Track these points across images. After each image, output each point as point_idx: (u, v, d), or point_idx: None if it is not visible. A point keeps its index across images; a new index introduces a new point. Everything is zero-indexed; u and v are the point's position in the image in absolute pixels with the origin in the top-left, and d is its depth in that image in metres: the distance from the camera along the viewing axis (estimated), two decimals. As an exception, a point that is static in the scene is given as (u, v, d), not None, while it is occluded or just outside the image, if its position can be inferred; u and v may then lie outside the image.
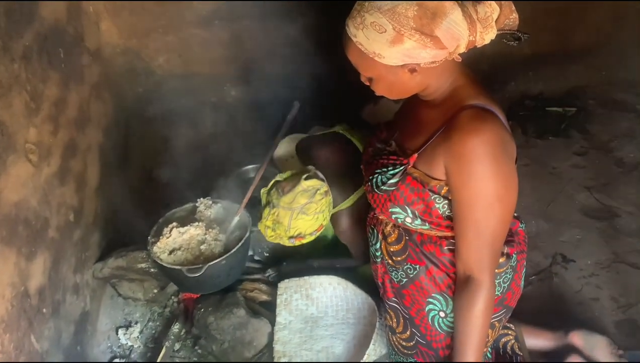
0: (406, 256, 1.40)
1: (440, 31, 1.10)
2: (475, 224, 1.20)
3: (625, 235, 2.32)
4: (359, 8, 1.14)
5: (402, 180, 1.29)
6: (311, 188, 1.80)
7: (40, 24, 1.89)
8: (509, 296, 1.43)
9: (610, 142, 2.84)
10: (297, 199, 1.78)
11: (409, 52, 1.12)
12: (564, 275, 2.18)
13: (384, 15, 1.09)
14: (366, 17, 1.11)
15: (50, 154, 1.84)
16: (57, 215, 1.85)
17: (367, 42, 1.13)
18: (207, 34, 2.86)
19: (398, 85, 1.22)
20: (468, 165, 1.16)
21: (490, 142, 1.15)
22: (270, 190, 1.89)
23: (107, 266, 2.08)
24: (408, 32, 1.09)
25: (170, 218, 2.09)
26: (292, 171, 1.92)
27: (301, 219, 1.79)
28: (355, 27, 1.14)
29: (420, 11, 1.08)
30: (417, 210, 1.29)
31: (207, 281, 1.93)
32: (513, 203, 1.22)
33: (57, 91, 1.97)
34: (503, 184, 1.18)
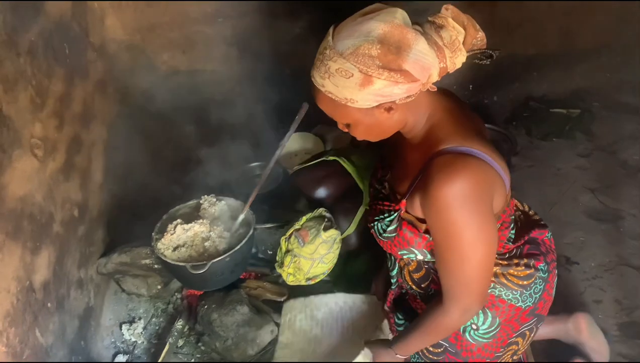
0: (429, 281, 1.40)
1: (409, 64, 1.06)
2: (448, 268, 1.21)
3: (629, 237, 2.32)
4: (321, 58, 1.10)
5: (400, 226, 1.28)
6: (330, 239, 1.99)
7: (45, 19, 1.89)
8: (540, 306, 1.43)
9: (615, 144, 2.83)
10: (318, 251, 1.97)
11: (381, 92, 1.08)
12: (568, 277, 2.18)
13: (347, 60, 1.06)
14: (330, 65, 1.07)
15: (55, 149, 1.85)
16: (61, 210, 1.85)
17: (337, 90, 1.09)
18: (212, 30, 2.86)
19: (376, 127, 1.19)
20: (439, 213, 1.14)
21: (462, 191, 1.11)
22: (289, 237, 2.02)
23: (111, 262, 2.08)
24: (376, 72, 1.05)
25: (174, 214, 2.09)
26: (307, 215, 2.06)
27: (320, 267, 2.00)
28: (321, 77, 1.10)
29: (383, 48, 1.05)
30: (423, 249, 1.29)
31: (211, 278, 1.93)
32: (493, 242, 1.19)
33: (62, 86, 1.97)
34: (478, 227, 1.15)
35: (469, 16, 1.14)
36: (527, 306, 1.38)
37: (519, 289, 1.35)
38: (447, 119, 1.22)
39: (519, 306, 1.37)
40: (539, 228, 1.48)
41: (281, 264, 2.03)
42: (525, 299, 1.37)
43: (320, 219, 2.04)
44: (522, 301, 1.37)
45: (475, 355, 1.43)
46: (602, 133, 2.91)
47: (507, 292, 1.35)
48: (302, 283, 2.03)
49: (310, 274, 2.01)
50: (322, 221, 2.02)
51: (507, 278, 1.35)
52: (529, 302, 1.38)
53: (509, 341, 1.42)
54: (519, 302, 1.37)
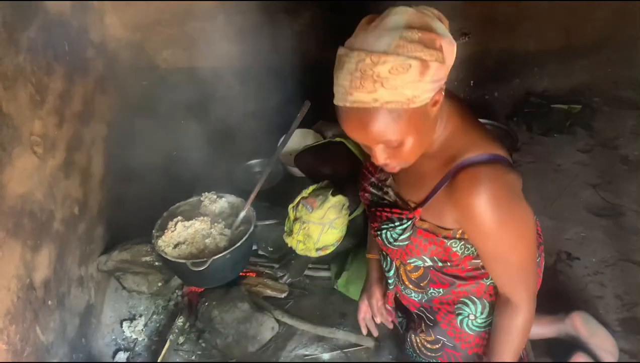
0: (428, 281, 1.40)
1: (444, 41, 1.03)
2: (503, 263, 1.23)
3: (630, 232, 2.31)
4: (359, 74, 1.00)
5: (414, 233, 1.27)
6: (338, 203, 1.94)
7: (45, 16, 1.89)
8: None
9: (616, 139, 2.83)
10: (328, 215, 1.94)
11: (436, 76, 1.03)
12: (569, 273, 2.17)
13: (398, 54, 0.98)
14: (380, 70, 0.98)
15: (55, 146, 1.84)
16: (62, 208, 1.85)
17: (396, 93, 1.00)
18: (212, 27, 2.86)
19: (428, 131, 1.13)
20: (481, 223, 1.14)
21: (495, 197, 1.11)
22: (297, 206, 2.00)
23: (112, 259, 2.08)
24: (427, 55, 1.00)
25: (174, 211, 2.09)
26: (314, 186, 2.03)
27: (330, 233, 1.96)
28: (370, 92, 1.00)
29: (420, 31, 1.00)
30: (435, 256, 1.30)
31: (211, 275, 1.93)
32: (533, 233, 1.22)
33: (62, 83, 1.97)
34: (519, 224, 1.18)
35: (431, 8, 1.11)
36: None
37: None
38: (462, 126, 1.20)
39: None
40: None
41: (290, 232, 1.99)
42: None
43: (326, 188, 2.01)
44: None
45: (473, 346, 1.44)
46: (603, 129, 2.90)
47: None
48: (312, 254, 1.98)
49: (320, 243, 1.95)
50: (329, 189, 1.99)
51: None
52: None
53: None
54: None
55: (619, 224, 2.36)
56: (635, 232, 2.31)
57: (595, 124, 2.94)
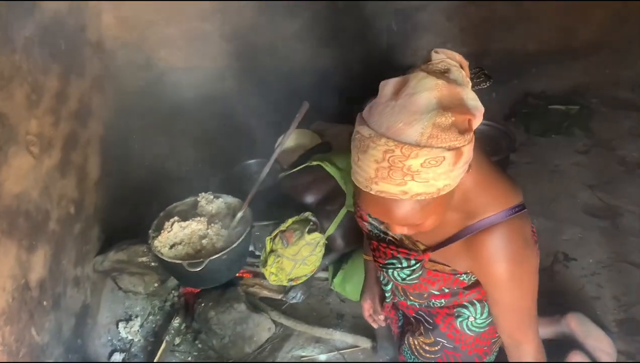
0: (429, 294, 1.39)
1: (475, 114, 0.97)
2: (510, 306, 1.25)
3: (627, 234, 2.31)
4: (387, 161, 0.93)
5: (423, 274, 1.31)
6: (313, 241, 2.00)
7: (41, 15, 1.88)
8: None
9: (613, 140, 2.83)
10: (301, 252, 1.98)
11: (467, 156, 0.98)
12: (566, 274, 2.17)
13: (431, 146, 0.92)
14: (411, 164, 0.92)
15: (51, 146, 1.83)
16: (57, 208, 1.84)
17: (428, 186, 0.95)
18: (209, 27, 2.85)
19: (450, 201, 1.07)
20: (498, 280, 1.19)
21: (513, 257, 1.16)
22: (274, 238, 2.03)
23: (108, 260, 2.08)
24: (461, 140, 0.94)
25: (171, 211, 2.09)
26: (294, 218, 2.07)
27: (302, 268, 2.02)
28: (400, 185, 0.94)
29: (452, 112, 0.93)
30: (442, 287, 1.33)
31: (207, 275, 1.92)
32: (537, 273, 1.25)
33: (58, 83, 1.96)
34: (530, 274, 1.21)
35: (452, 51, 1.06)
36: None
37: None
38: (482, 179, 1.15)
39: None
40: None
41: (264, 263, 2.04)
42: None
43: (306, 222, 2.06)
44: None
45: (472, 346, 1.45)
46: (601, 130, 2.90)
47: None
48: (284, 283, 2.05)
49: (292, 275, 2.02)
50: (307, 224, 2.05)
51: None
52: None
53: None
54: None
55: (616, 226, 2.36)
56: (633, 233, 2.31)
57: (592, 125, 2.94)
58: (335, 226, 2.09)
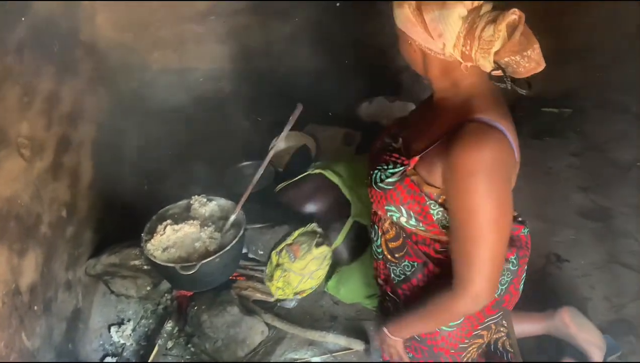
0: (404, 252, 1.38)
1: (428, 17, 1.10)
2: (471, 240, 1.16)
3: (620, 235, 2.33)
4: None
5: (401, 181, 1.26)
6: (321, 255, 1.98)
7: (34, 16, 1.86)
8: (506, 299, 1.42)
9: (606, 143, 2.85)
10: (309, 266, 1.98)
11: (404, 21, 1.13)
12: (558, 275, 2.18)
13: None
14: None
15: (43, 149, 1.82)
16: (49, 211, 1.83)
17: None
18: (203, 29, 2.85)
19: (403, 50, 1.23)
20: (463, 179, 1.12)
21: (487, 160, 1.10)
22: (280, 251, 2.02)
23: (100, 263, 2.07)
24: (408, 1, 1.11)
25: (164, 214, 2.07)
26: (300, 230, 2.06)
27: (308, 282, 2.01)
28: None
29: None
30: (412, 211, 1.27)
31: (200, 278, 1.92)
32: (508, 227, 1.18)
33: (51, 85, 1.95)
34: (497, 205, 1.13)
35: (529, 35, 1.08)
36: (492, 298, 1.35)
37: None
38: (488, 95, 1.20)
39: None
40: (515, 223, 1.46)
41: (270, 277, 2.02)
42: None
43: (313, 234, 2.05)
44: None
45: (439, 344, 1.42)
46: (593, 132, 2.92)
47: None
48: (290, 297, 2.04)
49: (299, 288, 2.02)
50: (314, 236, 2.03)
51: None
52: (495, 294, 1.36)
53: (474, 333, 1.41)
54: None
55: (609, 227, 2.38)
56: (624, 235, 2.33)
57: (585, 127, 2.96)
58: (342, 238, 2.08)
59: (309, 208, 2.14)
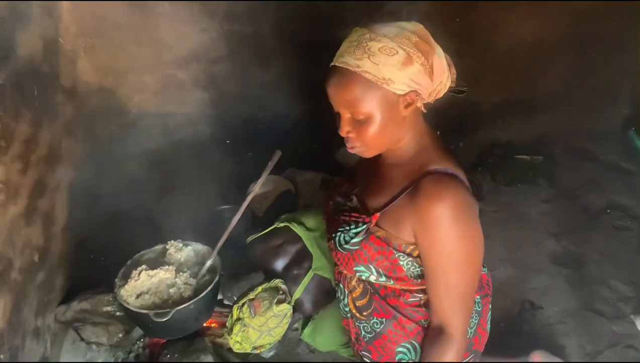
0: (372, 310, 1.39)
1: (436, 60, 1.17)
2: (446, 284, 1.22)
3: (592, 282, 2.37)
4: (356, 43, 1.16)
5: (366, 239, 1.28)
6: (281, 313, 1.99)
7: (15, 61, 1.88)
8: (476, 341, 1.43)
9: (576, 190, 2.93)
10: (268, 323, 1.97)
11: (415, 77, 1.15)
12: (532, 322, 2.20)
13: (392, 40, 1.14)
14: (372, 45, 1.14)
15: (17, 193, 1.80)
16: (21, 256, 1.79)
17: (377, 68, 1.13)
18: (184, 74, 2.89)
19: (391, 126, 1.19)
20: (435, 231, 1.17)
21: (454, 207, 1.16)
22: (242, 306, 2.01)
23: (71, 310, 2.02)
24: (416, 55, 1.14)
25: (139, 260, 2.05)
26: (263, 285, 2.07)
27: (267, 338, 2.00)
28: (357, 59, 1.14)
29: (420, 39, 1.16)
30: (381, 268, 1.29)
31: (174, 325, 1.88)
32: (480, 260, 1.25)
33: (29, 129, 1.94)
34: (470, 244, 1.20)
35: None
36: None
37: None
38: (434, 143, 1.28)
39: None
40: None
41: (230, 331, 2.00)
42: None
43: (275, 291, 2.05)
44: None
45: None
46: (564, 179, 3.01)
47: None
48: (248, 351, 2.01)
49: (257, 343, 2.00)
50: (277, 293, 2.03)
51: None
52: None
53: None
54: None
55: (581, 274, 2.42)
56: (596, 282, 2.37)
57: (556, 174, 3.04)
58: (301, 291, 2.08)
59: (276, 264, 2.14)
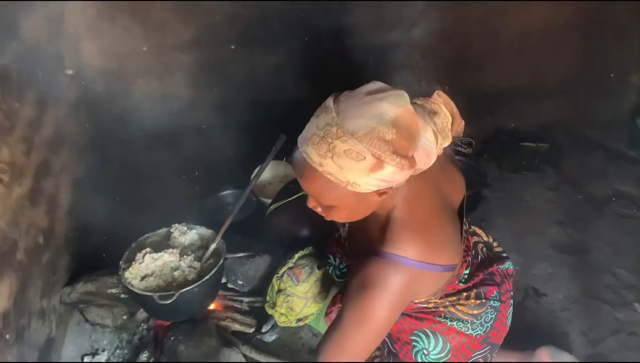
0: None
1: (418, 153, 1.07)
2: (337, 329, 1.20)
3: (595, 269, 2.36)
4: (322, 134, 1.03)
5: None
6: (324, 277, 1.93)
7: (19, 43, 1.88)
8: (493, 335, 1.44)
9: (582, 178, 2.91)
10: (312, 289, 1.92)
11: (388, 177, 1.05)
12: (536, 309, 2.20)
13: (360, 142, 1.01)
14: (337, 145, 1.02)
15: (22, 174, 1.81)
16: (26, 237, 1.80)
17: (340, 172, 1.04)
18: (189, 58, 2.88)
19: (362, 209, 1.16)
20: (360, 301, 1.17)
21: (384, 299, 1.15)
22: (281, 276, 1.96)
23: (76, 291, 2.03)
24: (389, 158, 1.02)
25: (143, 243, 2.05)
26: (299, 253, 2.00)
27: (312, 306, 1.94)
28: (320, 156, 1.04)
29: (398, 134, 1.02)
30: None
31: (178, 308, 1.89)
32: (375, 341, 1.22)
33: (33, 110, 1.95)
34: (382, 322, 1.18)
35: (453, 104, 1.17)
36: (479, 335, 1.38)
37: (470, 318, 1.38)
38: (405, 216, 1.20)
39: (469, 334, 1.38)
40: (498, 263, 1.49)
41: (273, 304, 1.97)
42: (475, 328, 1.39)
43: (312, 257, 2.00)
44: (473, 329, 1.38)
45: None
46: (570, 167, 2.99)
47: (458, 321, 1.37)
48: (293, 325, 1.98)
49: (302, 314, 1.96)
50: (314, 259, 1.98)
51: (457, 309, 1.37)
52: (480, 331, 1.39)
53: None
54: (469, 330, 1.38)
55: (585, 261, 2.41)
56: (600, 269, 2.37)
57: (562, 162, 3.02)
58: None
59: (304, 231, 2.07)
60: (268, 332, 2.06)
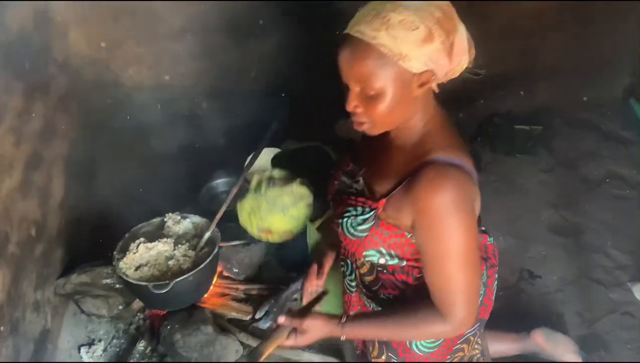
0: (379, 286, 1.38)
1: (457, 39, 1.10)
2: (447, 277, 1.18)
3: (590, 251, 2.38)
4: (375, 12, 1.07)
5: (376, 225, 1.24)
6: (298, 193, 1.85)
7: (4, 32, 1.85)
8: (482, 311, 1.44)
9: (575, 160, 2.92)
10: (282, 198, 1.83)
11: (434, 56, 1.08)
12: (531, 291, 2.21)
13: (414, 14, 1.05)
14: (392, 16, 1.05)
15: (12, 166, 1.79)
16: (18, 230, 1.79)
17: (394, 43, 1.05)
18: (179, 46, 2.84)
19: (402, 103, 1.13)
20: (434, 223, 1.14)
21: (453, 200, 1.12)
22: (263, 179, 1.91)
23: (70, 282, 2.02)
24: (438, 32, 1.06)
25: (137, 232, 2.05)
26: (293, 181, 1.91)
27: (277, 216, 1.84)
28: (375, 30, 1.06)
29: (444, 14, 1.08)
30: (392, 250, 1.26)
31: (174, 297, 1.89)
32: (478, 256, 1.21)
33: (22, 102, 1.92)
34: (469, 237, 1.16)
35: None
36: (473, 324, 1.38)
37: None
38: (442, 129, 1.21)
39: None
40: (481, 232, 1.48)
41: (241, 197, 1.91)
42: None
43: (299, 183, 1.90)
44: None
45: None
46: (564, 149, 2.99)
47: None
48: (253, 232, 1.90)
49: (266, 223, 1.86)
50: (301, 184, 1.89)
51: None
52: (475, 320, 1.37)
53: (454, 348, 1.42)
54: None
55: (579, 243, 2.43)
56: (594, 250, 2.38)
57: (556, 144, 3.02)
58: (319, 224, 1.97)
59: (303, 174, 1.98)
60: (262, 318, 2.06)
